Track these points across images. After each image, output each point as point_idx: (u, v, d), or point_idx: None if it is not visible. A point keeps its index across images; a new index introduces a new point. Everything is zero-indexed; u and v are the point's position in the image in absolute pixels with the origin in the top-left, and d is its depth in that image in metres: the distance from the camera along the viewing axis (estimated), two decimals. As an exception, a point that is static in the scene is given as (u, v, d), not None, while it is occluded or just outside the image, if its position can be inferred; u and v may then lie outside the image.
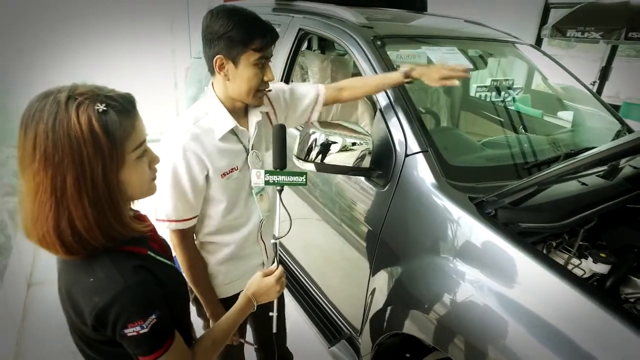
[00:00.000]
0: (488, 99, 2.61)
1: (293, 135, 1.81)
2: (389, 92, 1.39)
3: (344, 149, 1.32)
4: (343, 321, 1.76)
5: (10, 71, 3.26)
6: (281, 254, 2.18)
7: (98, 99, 0.66)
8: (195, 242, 1.23)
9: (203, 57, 1.09)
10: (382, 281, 1.35)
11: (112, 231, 0.71)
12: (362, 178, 1.46)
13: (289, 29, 1.97)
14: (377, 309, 1.33)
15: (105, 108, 0.66)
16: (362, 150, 1.34)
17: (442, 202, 1.18)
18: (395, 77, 1.35)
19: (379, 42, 1.55)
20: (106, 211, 0.69)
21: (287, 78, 1.95)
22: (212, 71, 1.12)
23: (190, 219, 1.14)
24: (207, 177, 1.11)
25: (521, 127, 2.23)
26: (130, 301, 0.69)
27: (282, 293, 1.15)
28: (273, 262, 1.02)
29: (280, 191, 1.04)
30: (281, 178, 1.01)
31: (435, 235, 1.18)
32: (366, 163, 1.36)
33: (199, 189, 1.11)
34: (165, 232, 1.14)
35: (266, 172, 0.99)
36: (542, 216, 1.14)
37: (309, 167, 1.32)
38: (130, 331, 0.69)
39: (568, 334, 0.87)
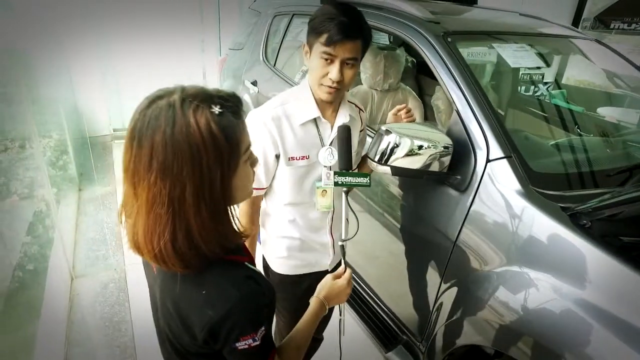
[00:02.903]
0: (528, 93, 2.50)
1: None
2: (466, 93, 1.32)
3: (410, 152, 1.26)
4: (401, 326, 1.72)
5: (47, 63, 3.25)
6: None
7: (212, 100, 0.62)
8: (265, 214, 1.32)
9: (237, 48, 1.07)
10: (457, 290, 1.30)
11: (225, 239, 0.68)
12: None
13: (343, 23, 1.89)
14: (451, 319, 1.28)
15: (221, 110, 0.61)
16: (430, 155, 1.27)
17: (531, 211, 1.12)
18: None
19: (449, 39, 1.47)
20: (222, 218, 0.67)
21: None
22: None
23: (257, 189, 1.20)
24: (277, 156, 1.16)
25: (576, 126, 2.13)
26: (244, 314, 0.66)
27: None
28: (340, 264, 1.05)
29: (347, 192, 1.08)
30: (349, 179, 1.06)
31: (523, 246, 1.13)
32: (434, 167, 1.30)
33: (268, 166, 1.17)
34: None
35: (335, 173, 1.05)
36: (643, 229, 1.07)
37: (384, 170, 1.27)
38: (242, 344, 0.67)
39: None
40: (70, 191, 3.18)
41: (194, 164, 0.59)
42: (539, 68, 2.14)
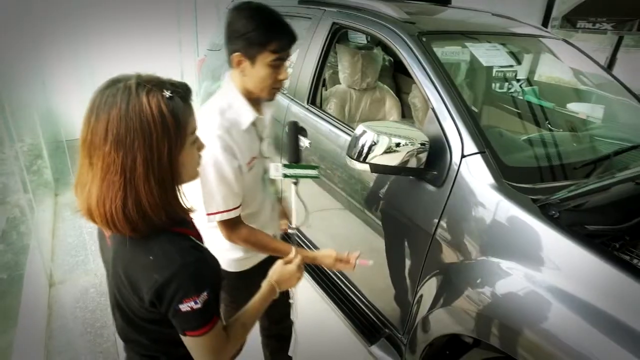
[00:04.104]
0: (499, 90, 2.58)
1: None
2: (441, 91, 1.36)
3: (388, 149, 1.30)
4: (383, 319, 1.75)
5: (19, 66, 3.16)
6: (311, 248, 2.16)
7: (164, 86, 0.71)
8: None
9: (215, 49, 1.06)
10: (435, 282, 1.34)
11: (172, 210, 0.75)
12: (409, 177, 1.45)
13: (320, 23, 1.92)
14: (431, 310, 1.32)
15: (171, 94, 0.71)
16: (408, 152, 1.31)
17: (504, 204, 1.17)
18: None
19: (423, 38, 1.52)
20: (168, 190, 0.74)
21: (319, 73, 1.91)
22: (230, 65, 1.14)
23: (238, 207, 1.16)
24: (239, 166, 1.14)
25: (547, 122, 2.22)
26: (187, 278, 0.74)
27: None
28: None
29: (296, 183, 1.11)
30: (297, 171, 1.11)
31: (496, 237, 1.18)
32: (412, 163, 1.34)
33: (239, 176, 1.14)
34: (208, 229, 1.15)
35: (284, 165, 1.08)
36: (606, 218, 1.13)
37: (363, 167, 1.30)
38: (185, 306, 0.74)
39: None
40: (46, 196, 3.10)
41: (144, 137, 0.68)
42: (511, 66, 2.22)
